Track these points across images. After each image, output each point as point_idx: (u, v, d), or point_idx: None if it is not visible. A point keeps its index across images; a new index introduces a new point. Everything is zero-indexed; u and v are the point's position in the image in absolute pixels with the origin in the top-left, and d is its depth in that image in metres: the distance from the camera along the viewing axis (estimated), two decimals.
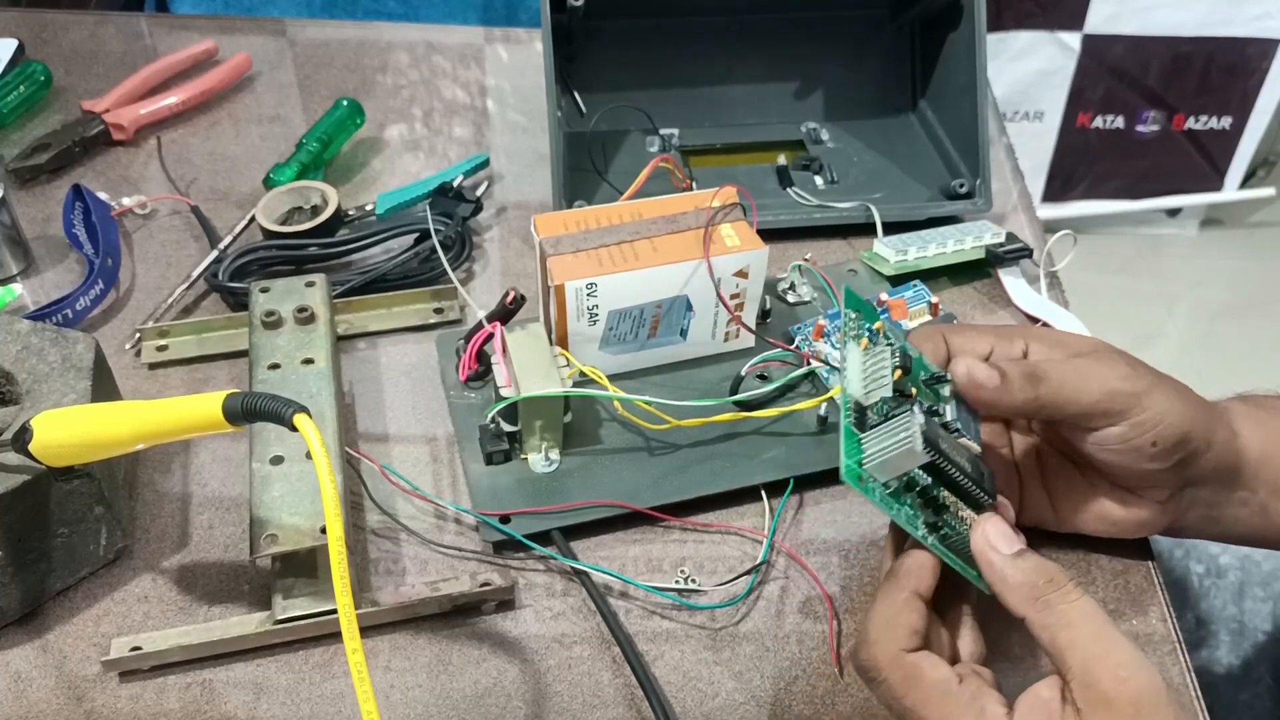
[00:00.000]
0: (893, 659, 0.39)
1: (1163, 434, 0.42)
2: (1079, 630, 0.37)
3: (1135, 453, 0.43)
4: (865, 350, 0.44)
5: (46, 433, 0.43)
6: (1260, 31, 1.68)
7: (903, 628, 0.39)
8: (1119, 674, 0.36)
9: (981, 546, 0.40)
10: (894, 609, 0.40)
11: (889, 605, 0.40)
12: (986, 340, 0.46)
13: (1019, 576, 0.39)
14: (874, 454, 0.41)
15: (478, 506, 0.52)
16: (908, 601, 0.40)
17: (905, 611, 0.40)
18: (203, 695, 0.46)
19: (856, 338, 0.44)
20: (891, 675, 0.39)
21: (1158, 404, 0.42)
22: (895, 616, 0.40)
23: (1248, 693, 0.67)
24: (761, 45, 0.78)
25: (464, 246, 0.68)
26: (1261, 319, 1.82)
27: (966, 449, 0.43)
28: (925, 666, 0.39)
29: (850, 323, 0.45)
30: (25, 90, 0.81)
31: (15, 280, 0.67)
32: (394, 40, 0.92)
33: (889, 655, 0.39)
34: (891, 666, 0.39)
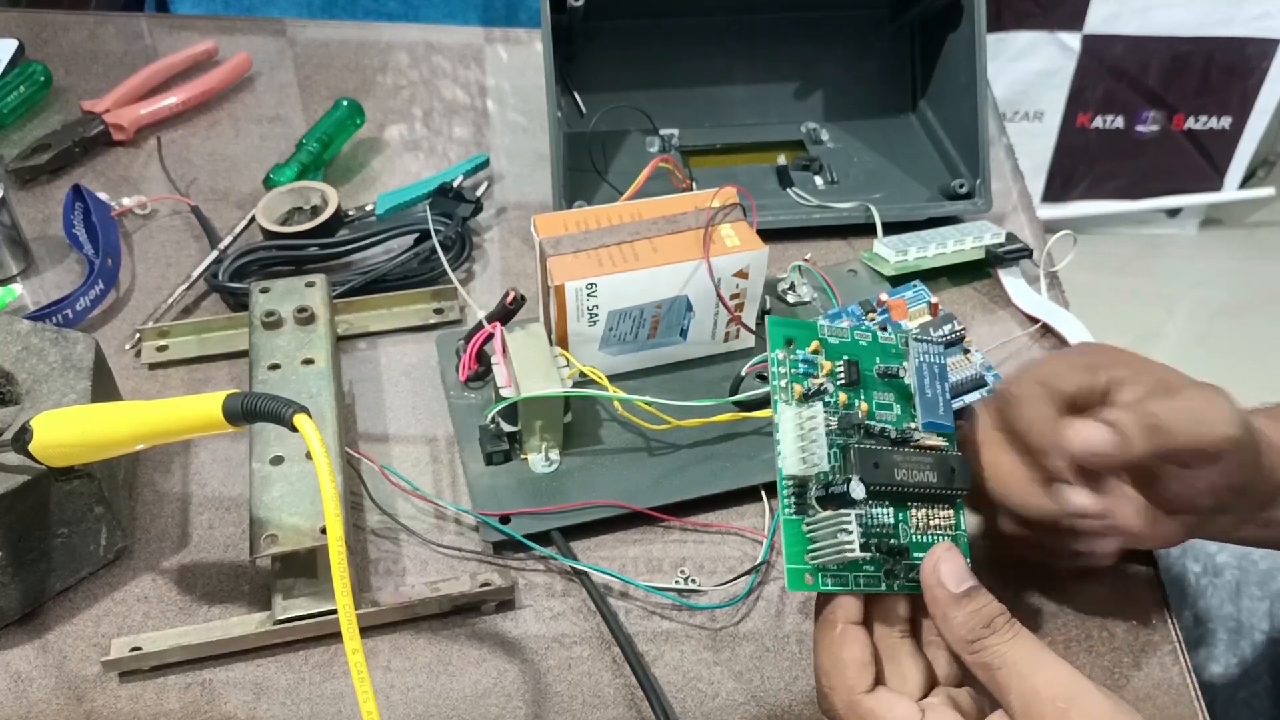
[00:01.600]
0: (849, 706, 0.38)
1: (1241, 475, 0.42)
2: (1014, 669, 0.37)
3: (1209, 491, 0.42)
4: (798, 404, 0.42)
5: (46, 433, 0.43)
6: (1260, 31, 1.68)
7: (849, 666, 0.39)
8: (1057, 705, 0.36)
9: (930, 581, 0.39)
10: (833, 650, 0.39)
11: (826, 647, 0.39)
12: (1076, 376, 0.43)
13: (959, 618, 0.38)
14: (817, 550, 0.40)
15: (478, 506, 0.52)
16: (843, 636, 0.39)
17: (845, 647, 0.39)
18: (203, 695, 0.46)
19: (787, 390, 0.43)
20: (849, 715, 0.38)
21: (1249, 445, 0.41)
22: (837, 656, 0.39)
23: (1245, 691, 0.67)
24: (761, 45, 0.78)
25: (464, 247, 0.68)
26: (1261, 319, 1.82)
27: (931, 451, 0.43)
28: (880, 710, 0.38)
29: (778, 370, 0.43)
30: (25, 90, 0.81)
31: (15, 280, 0.67)
32: (394, 40, 0.92)
33: (845, 703, 0.38)
34: (848, 714, 0.38)
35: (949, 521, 0.43)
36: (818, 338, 0.44)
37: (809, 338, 0.44)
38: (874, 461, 0.41)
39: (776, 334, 0.43)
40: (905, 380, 0.44)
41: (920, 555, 0.41)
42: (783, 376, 0.43)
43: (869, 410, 0.43)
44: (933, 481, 0.42)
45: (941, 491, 0.42)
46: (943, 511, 0.43)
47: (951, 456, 0.43)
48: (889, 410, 0.44)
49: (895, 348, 0.45)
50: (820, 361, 0.43)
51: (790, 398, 0.43)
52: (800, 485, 0.42)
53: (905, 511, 0.42)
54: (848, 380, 0.43)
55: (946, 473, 0.42)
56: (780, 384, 0.43)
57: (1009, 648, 0.37)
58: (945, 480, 0.42)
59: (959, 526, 0.44)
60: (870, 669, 0.39)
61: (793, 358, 0.43)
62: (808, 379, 0.43)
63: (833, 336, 0.44)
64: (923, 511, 0.43)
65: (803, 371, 0.43)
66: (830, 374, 0.43)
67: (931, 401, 0.44)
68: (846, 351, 0.44)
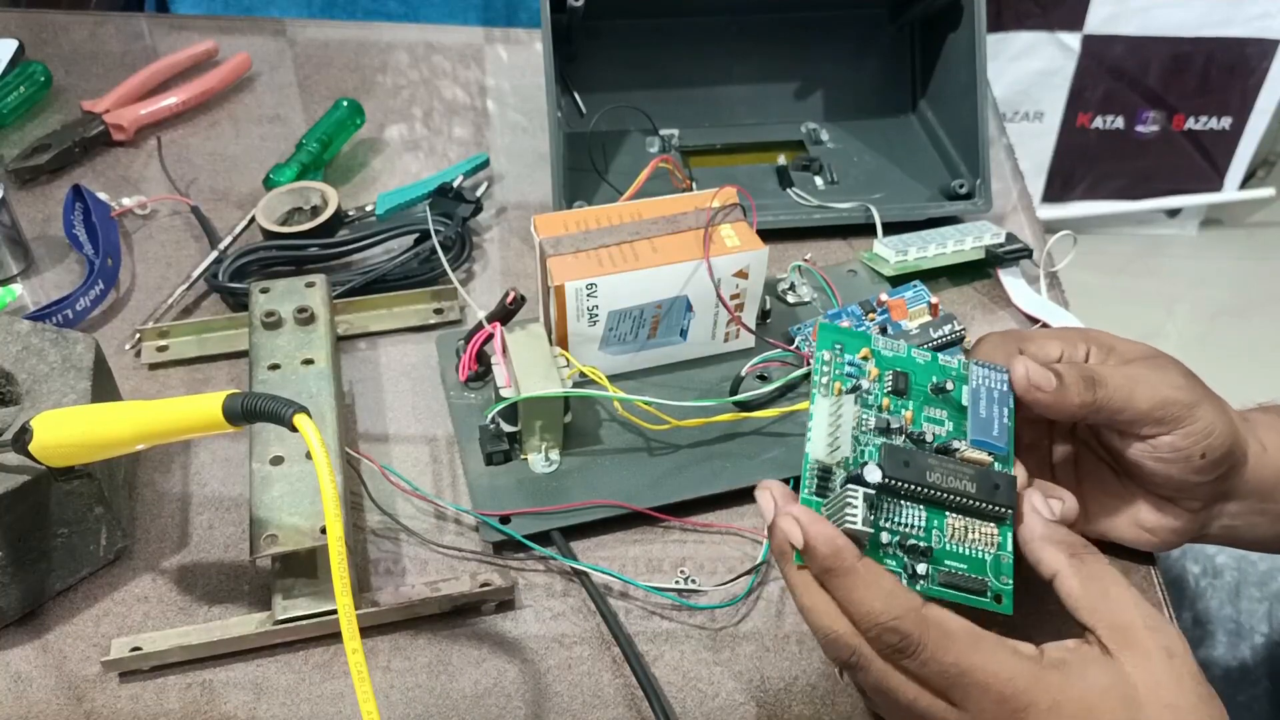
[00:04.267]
0: (919, 622, 0.36)
1: (1212, 445, 0.43)
2: (1109, 584, 0.39)
3: (1184, 462, 0.43)
4: (836, 398, 0.43)
5: (46, 433, 0.43)
6: (1260, 31, 1.68)
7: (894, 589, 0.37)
8: (1149, 623, 0.37)
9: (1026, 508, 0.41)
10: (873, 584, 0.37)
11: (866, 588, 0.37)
12: (1055, 345, 0.46)
13: (1060, 535, 0.40)
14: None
15: (478, 507, 0.52)
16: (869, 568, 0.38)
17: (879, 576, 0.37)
18: (203, 695, 0.46)
19: (827, 385, 0.43)
20: (928, 637, 0.36)
21: (1208, 416, 0.43)
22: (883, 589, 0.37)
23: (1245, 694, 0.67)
24: (761, 45, 0.78)
25: (464, 247, 0.68)
26: (1261, 319, 1.82)
27: (973, 464, 0.42)
28: (946, 618, 0.37)
29: (822, 367, 0.44)
30: (25, 90, 0.81)
31: (15, 280, 0.67)
32: (394, 40, 0.92)
33: (915, 621, 0.36)
34: (924, 629, 0.36)
35: (993, 539, 0.42)
36: (869, 346, 0.44)
37: (858, 345, 0.44)
38: (904, 459, 0.41)
39: (825, 337, 0.44)
40: (963, 399, 0.44)
41: (952, 564, 0.41)
42: (825, 374, 0.44)
43: (914, 418, 0.43)
44: (970, 491, 0.41)
45: (981, 504, 0.41)
46: (985, 529, 0.42)
47: (997, 473, 0.42)
48: (939, 425, 0.44)
49: (956, 370, 0.45)
50: (868, 368, 0.44)
51: (829, 392, 0.43)
52: (825, 471, 0.42)
53: (941, 518, 0.42)
54: (894, 389, 0.44)
55: (988, 487, 0.41)
56: (821, 380, 0.43)
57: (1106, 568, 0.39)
58: (986, 493, 0.41)
59: (1004, 546, 0.42)
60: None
61: (839, 359, 0.44)
62: (851, 379, 0.44)
63: (887, 350, 0.45)
64: (962, 523, 0.42)
65: (846, 373, 0.44)
66: (878, 379, 0.44)
67: (985, 421, 0.43)
68: (900, 365, 0.44)
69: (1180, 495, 0.46)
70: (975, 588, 0.41)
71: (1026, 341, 0.46)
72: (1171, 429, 0.43)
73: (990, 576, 0.42)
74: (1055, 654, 0.38)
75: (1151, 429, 0.43)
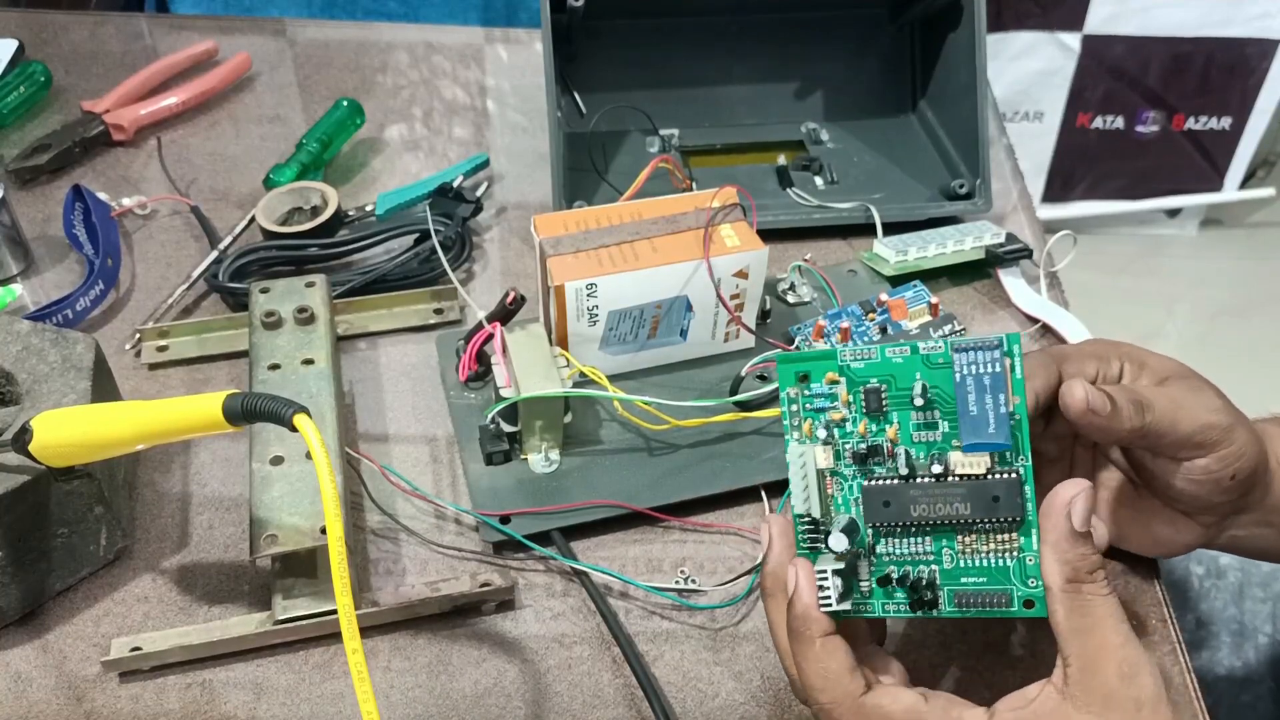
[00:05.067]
0: (855, 711, 0.38)
1: (1241, 468, 0.43)
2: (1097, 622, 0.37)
3: (1213, 484, 0.43)
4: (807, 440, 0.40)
5: (46, 433, 0.43)
6: (1260, 31, 1.68)
7: (842, 678, 0.38)
8: (1124, 670, 0.36)
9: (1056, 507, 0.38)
10: (819, 665, 0.38)
11: (813, 665, 0.39)
12: (1092, 364, 0.45)
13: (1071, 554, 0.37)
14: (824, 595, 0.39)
15: (478, 507, 0.52)
16: (824, 649, 0.39)
17: (831, 657, 0.38)
18: (203, 695, 0.46)
19: (799, 429, 0.40)
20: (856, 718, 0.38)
21: (1241, 438, 0.43)
22: (825, 669, 0.38)
23: (1249, 694, 0.66)
24: (761, 45, 0.78)
25: (464, 247, 0.68)
26: (1261, 319, 1.82)
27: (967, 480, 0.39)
28: (886, 704, 0.38)
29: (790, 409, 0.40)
30: (25, 90, 0.81)
31: (15, 280, 0.67)
32: (394, 40, 0.92)
33: (851, 711, 0.38)
34: (859, 716, 0.38)
35: (1012, 544, 0.39)
36: (836, 367, 0.40)
37: (824, 369, 0.40)
38: (884, 500, 0.39)
39: (786, 373, 0.40)
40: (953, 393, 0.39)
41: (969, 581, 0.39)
42: (794, 415, 0.40)
43: (900, 433, 0.40)
44: (964, 514, 0.38)
45: (981, 522, 0.39)
46: (1000, 536, 0.39)
47: (996, 482, 0.38)
48: (932, 430, 0.39)
49: (943, 356, 0.39)
50: (839, 393, 0.40)
51: (803, 435, 0.40)
52: (813, 523, 0.40)
53: (950, 539, 0.39)
54: (869, 409, 0.40)
55: (985, 502, 0.38)
56: (792, 424, 0.40)
57: (1100, 603, 0.37)
58: (983, 510, 0.38)
59: (1027, 548, 0.39)
60: (859, 672, 0.39)
61: (806, 393, 0.40)
62: (825, 413, 0.40)
63: (857, 361, 0.40)
64: (971, 538, 0.39)
65: (817, 407, 0.40)
66: (849, 404, 0.40)
67: (978, 420, 0.38)
68: (876, 373, 0.40)
69: (1198, 511, 0.46)
70: (997, 602, 0.39)
71: (1065, 361, 0.44)
72: (1209, 452, 0.42)
73: (1016, 584, 0.39)
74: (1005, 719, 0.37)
75: (1190, 452, 0.43)
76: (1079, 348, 0.47)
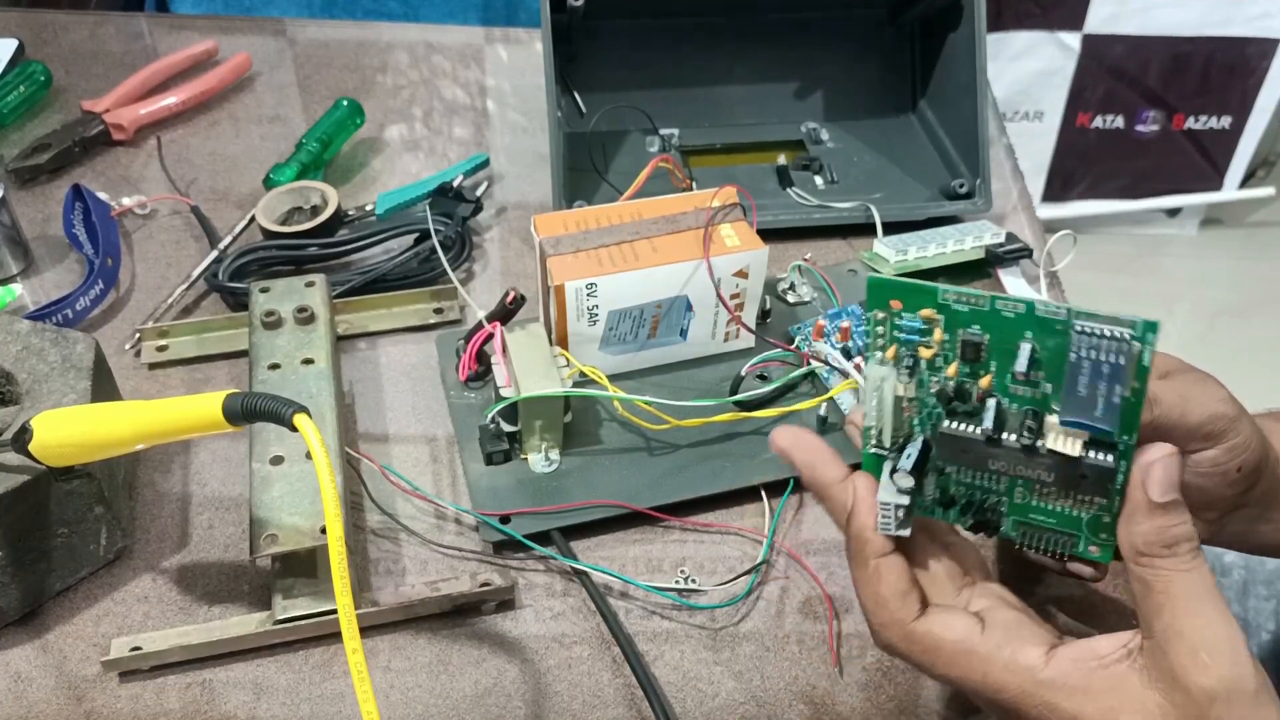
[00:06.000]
0: (904, 637, 0.37)
1: (1248, 460, 0.42)
2: (1174, 601, 0.34)
3: (1221, 476, 0.43)
4: (890, 364, 0.37)
5: (46, 433, 0.43)
6: (1260, 31, 1.68)
7: (891, 600, 0.38)
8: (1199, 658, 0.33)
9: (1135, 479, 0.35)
10: (871, 588, 0.38)
11: (865, 587, 0.38)
12: None
13: (1145, 528, 0.35)
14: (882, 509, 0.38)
15: (478, 506, 0.52)
16: (877, 571, 0.38)
17: (882, 581, 0.38)
18: (203, 695, 0.46)
19: (882, 350, 0.37)
20: (912, 652, 0.37)
21: (1247, 429, 0.42)
22: (877, 593, 0.38)
23: None
24: (761, 45, 0.78)
25: (464, 246, 0.68)
26: (1261, 319, 1.82)
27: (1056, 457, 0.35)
28: (937, 630, 0.37)
29: (876, 330, 0.37)
30: (25, 90, 0.81)
31: (15, 280, 0.67)
32: (394, 40, 0.92)
33: (900, 635, 0.38)
34: (907, 645, 0.37)
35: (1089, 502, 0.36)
36: (935, 304, 0.36)
37: (921, 303, 0.36)
38: (961, 448, 0.36)
39: (878, 295, 0.36)
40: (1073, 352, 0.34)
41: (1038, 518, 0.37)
42: (879, 336, 0.37)
43: (993, 383, 0.36)
44: (1046, 480, 0.36)
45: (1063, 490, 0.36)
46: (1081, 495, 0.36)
47: (1089, 465, 0.35)
48: (1033, 387, 0.35)
49: (1061, 323, 0.34)
50: (935, 331, 0.36)
51: (885, 358, 0.37)
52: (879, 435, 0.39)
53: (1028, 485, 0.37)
54: (965, 356, 0.36)
55: (1071, 478, 0.35)
56: (876, 342, 0.37)
57: (1178, 578, 0.34)
58: (1067, 484, 0.36)
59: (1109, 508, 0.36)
60: (914, 595, 0.38)
61: (897, 320, 0.36)
62: (914, 346, 0.36)
63: (960, 304, 0.35)
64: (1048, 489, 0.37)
65: (905, 339, 0.36)
66: (944, 343, 0.36)
67: (1084, 400, 0.34)
68: (981, 322, 0.35)
69: (1202, 508, 0.46)
70: (1063, 543, 0.37)
71: None
72: (1216, 443, 0.42)
73: (1085, 533, 0.36)
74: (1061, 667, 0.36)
75: (1199, 444, 0.42)
76: None
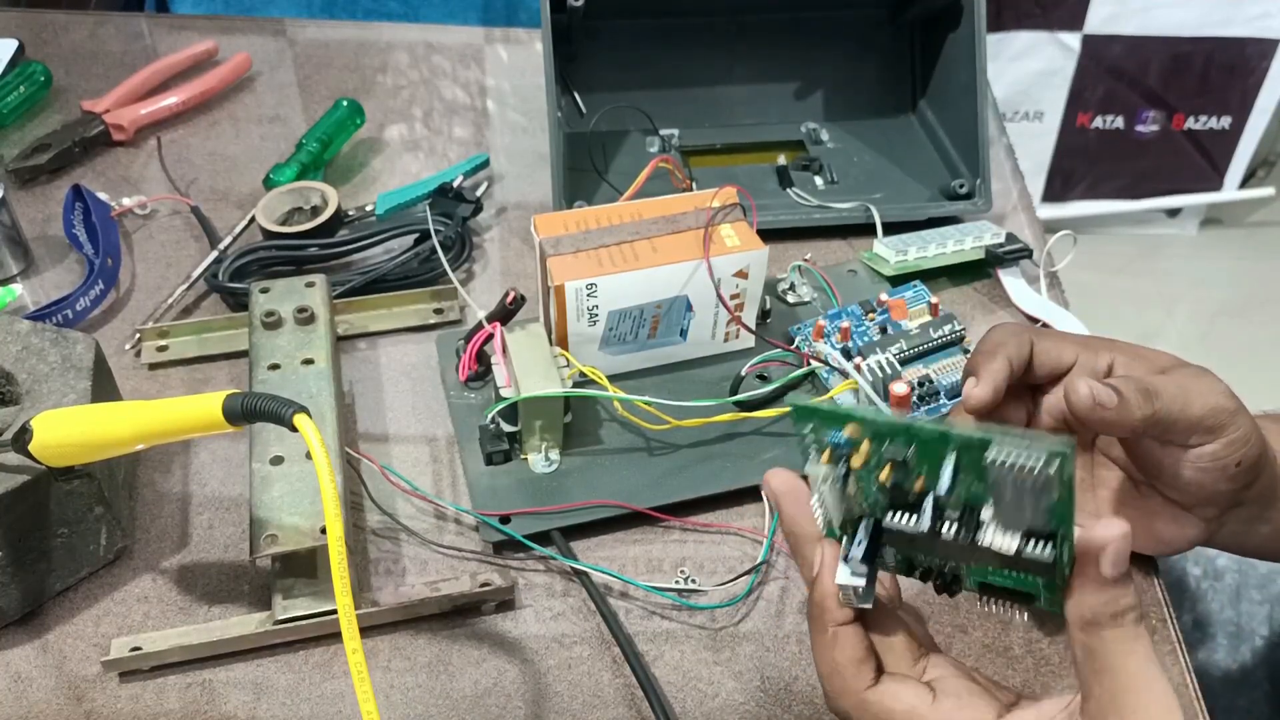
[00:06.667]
0: (857, 705, 0.37)
1: (1247, 454, 0.43)
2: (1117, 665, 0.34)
3: (1220, 471, 0.43)
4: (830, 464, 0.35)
5: (46, 433, 0.43)
6: (1260, 31, 1.68)
7: (847, 667, 0.38)
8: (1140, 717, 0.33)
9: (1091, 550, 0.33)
10: (828, 654, 0.38)
11: (823, 652, 0.38)
12: (1070, 350, 0.45)
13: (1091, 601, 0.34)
14: None
15: (478, 507, 0.52)
16: (835, 639, 0.38)
17: (838, 648, 0.38)
18: (203, 695, 0.46)
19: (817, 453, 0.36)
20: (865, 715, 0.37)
21: (1247, 423, 0.42)
22: (833, 660, 0.38)
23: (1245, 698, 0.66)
24: (761, 45, 0.78)
25: (464, 247, 0.68)
26: (1261, 319, 1.82)
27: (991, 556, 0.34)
28: (888, 700, 0.37)
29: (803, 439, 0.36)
30: (25, 90, 0.81)
31: (15, 280, 0.67)
32: (394, 40, 0.92)
33: (853, 704, 0.37)
34: (859, 713, 0.37)
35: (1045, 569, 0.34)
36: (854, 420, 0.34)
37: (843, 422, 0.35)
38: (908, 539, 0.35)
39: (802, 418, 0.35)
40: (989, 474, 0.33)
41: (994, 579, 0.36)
42: (811, 444, 0.36)
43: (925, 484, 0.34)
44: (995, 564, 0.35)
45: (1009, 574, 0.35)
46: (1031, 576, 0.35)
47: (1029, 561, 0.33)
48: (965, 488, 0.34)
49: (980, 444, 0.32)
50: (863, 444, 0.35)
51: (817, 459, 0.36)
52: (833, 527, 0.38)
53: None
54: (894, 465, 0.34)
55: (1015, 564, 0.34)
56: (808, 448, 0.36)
57: (1120, 648, 0.34)
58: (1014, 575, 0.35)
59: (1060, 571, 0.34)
60: (869, 664, 0.38)
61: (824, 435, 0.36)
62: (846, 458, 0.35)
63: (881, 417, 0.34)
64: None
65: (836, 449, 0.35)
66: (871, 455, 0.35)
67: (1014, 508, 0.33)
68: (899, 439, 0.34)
69: (1200, 504, 0.46)
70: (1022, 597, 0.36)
71: (1040, 337, 0.45)
72: (1217, 437, 0.42)
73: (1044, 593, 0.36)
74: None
75: (1200, 438, 0.42)
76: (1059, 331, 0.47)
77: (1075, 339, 0.46)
